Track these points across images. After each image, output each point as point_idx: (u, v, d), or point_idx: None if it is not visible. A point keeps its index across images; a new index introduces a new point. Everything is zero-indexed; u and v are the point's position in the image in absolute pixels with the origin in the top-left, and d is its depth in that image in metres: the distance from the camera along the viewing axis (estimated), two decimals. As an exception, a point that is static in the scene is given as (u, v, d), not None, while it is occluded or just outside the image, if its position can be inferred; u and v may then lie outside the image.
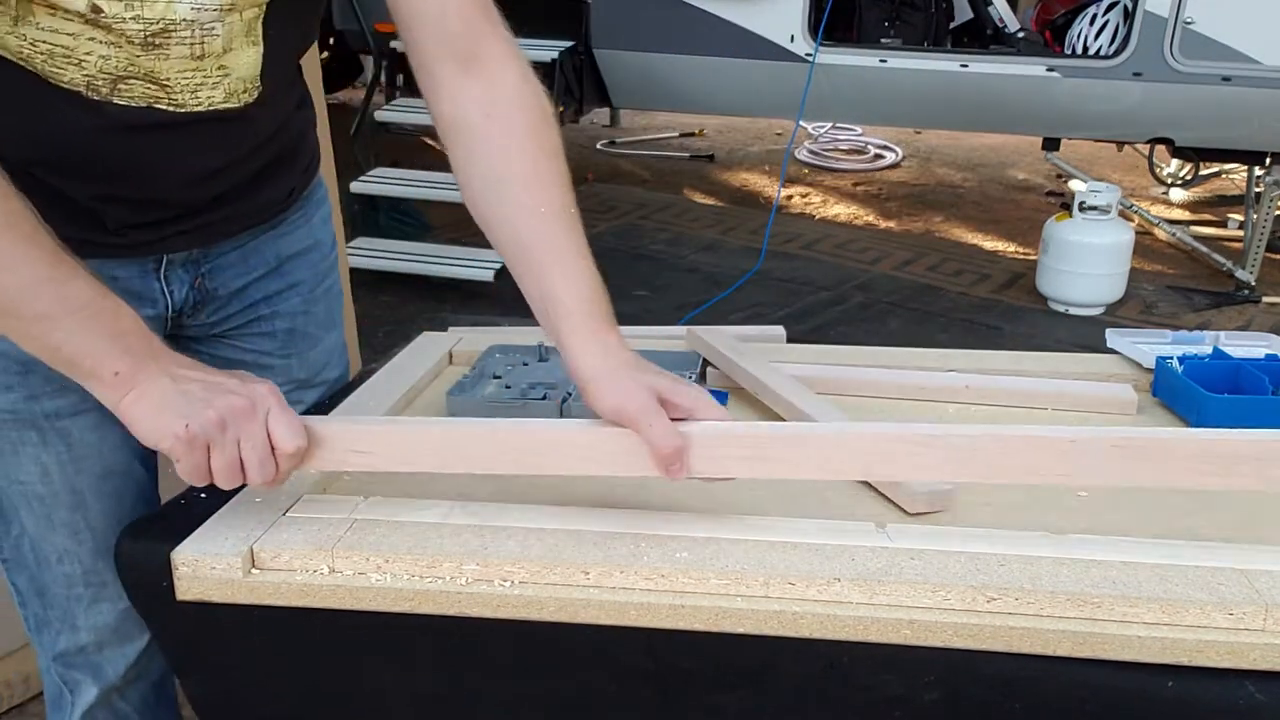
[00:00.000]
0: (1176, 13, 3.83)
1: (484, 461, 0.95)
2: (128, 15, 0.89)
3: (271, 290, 1.20)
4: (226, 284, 1.16)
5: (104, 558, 1.13)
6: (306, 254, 1.23)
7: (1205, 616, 0.84)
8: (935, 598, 0.86)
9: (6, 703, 1.92)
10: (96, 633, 1.18)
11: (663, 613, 0.88)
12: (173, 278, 1.10)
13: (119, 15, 0.88)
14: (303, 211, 1.21)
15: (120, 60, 0.92)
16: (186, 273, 1.11)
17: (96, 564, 1.14)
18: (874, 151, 6.42)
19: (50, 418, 1.07)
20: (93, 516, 1.13)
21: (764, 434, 0.93)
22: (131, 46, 0.91)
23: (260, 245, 1.17)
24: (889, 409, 1.25)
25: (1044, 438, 0.90)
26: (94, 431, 1.09)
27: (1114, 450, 0.89)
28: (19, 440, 1.08)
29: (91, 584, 1.15)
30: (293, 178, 1.17)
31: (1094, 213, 4.01)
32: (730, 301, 4.13)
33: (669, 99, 4.73)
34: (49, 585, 1.16)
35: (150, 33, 0.91)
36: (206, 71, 0.96)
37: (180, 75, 0.95)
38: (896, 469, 0.93)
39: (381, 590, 0.91)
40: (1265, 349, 1.34)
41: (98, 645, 1.19)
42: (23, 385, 1.05)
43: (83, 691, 1.22)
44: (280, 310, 1.22)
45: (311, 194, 1.23)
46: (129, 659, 1.21)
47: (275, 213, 1.17)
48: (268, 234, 1.17)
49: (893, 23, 4.49)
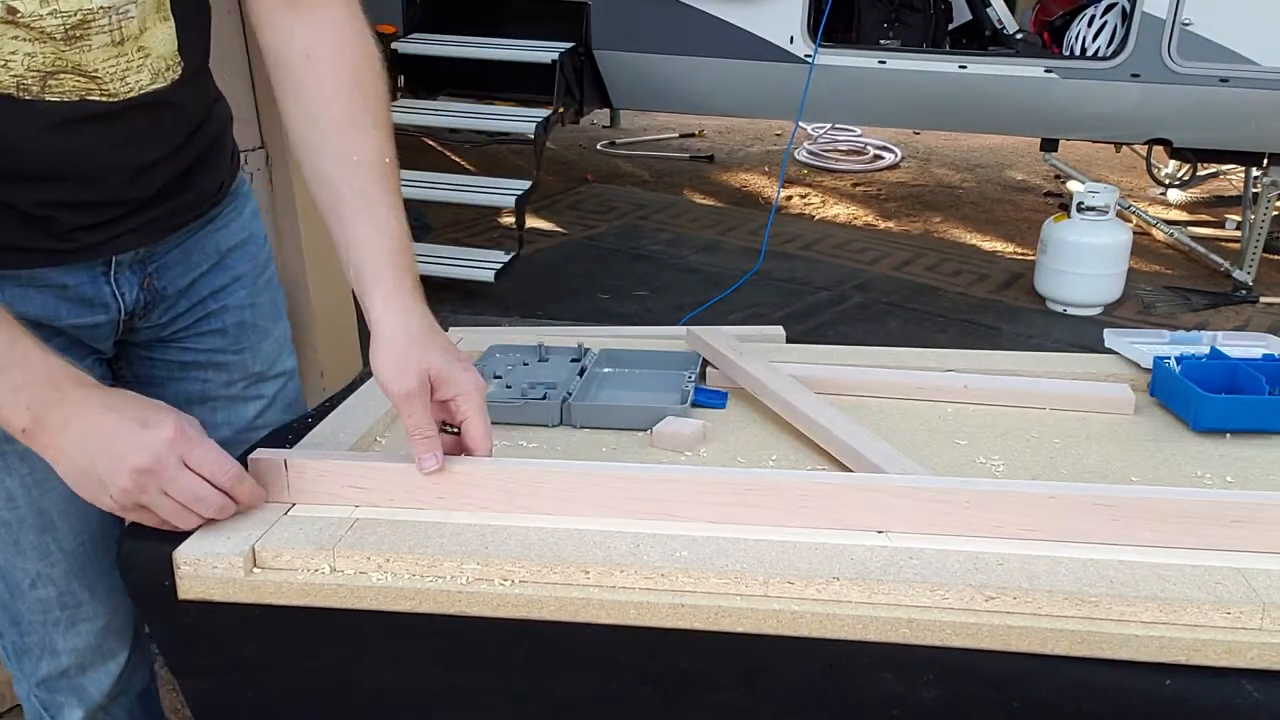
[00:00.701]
0: (1174, 14, 3.83)
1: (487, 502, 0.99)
2: (44, 11, 0.90)
3: (217, 285, 1.21)
4: (174, 282, 1.16)
5: (79, 577, 1.13)
6: (244, 246, 1.24)
7: (1202, 615, 0.84)
8: (934, 597, 0.87)
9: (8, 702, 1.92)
10: (77, 655, 1.17)
11: (663, 612, 0.88)
12: (122, 280, 1.11)
13: (35, 13, 0.90)
14: (233, 205, 1.23)
15: (46, 56, 0.92)
16: (134, 274, 1.12)
17: (71, 585, 1.13)
18: (873, 152, 6.42)
19: (10, 441, 1.00)
20: (62, 537, 1.11)
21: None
22: (54, 42, 0.92)
23: (200, 241, 1.18)
24: (888, 409, 1.26)
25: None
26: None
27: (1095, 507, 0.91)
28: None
29: (67, 606, 1.14)
30: (221, 170, 1.19)
31: (1092, 213, 4.02)
32: (730, 301, 4.14)
33: (669, 100, 4.73)
34: (23, 613, 1.14)
35: (69, 26, 0.92)
36: (129, 56, 0.97)
37: (105, 64, 0.96)
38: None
39: (382, 589, 0.91)
40: (1262, 349, 1.34)
41: (79, 667, 1.18)
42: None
43: (67, 715, 1.20)
44: (228, 304, 1.23)
45: (238, 189, 1.25)
46: (112, 676, 1.20)
47: (210, 205, 1.18)
48: (205, 229, 1.18)
49: (892, 24, 4.49)
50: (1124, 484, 1.07)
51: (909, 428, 1.21)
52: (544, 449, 1.16)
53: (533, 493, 0.98)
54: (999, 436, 1.19)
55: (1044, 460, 1.13)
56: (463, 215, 4.77)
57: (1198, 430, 1.19)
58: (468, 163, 5.58)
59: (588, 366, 1.33)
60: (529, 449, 1.16)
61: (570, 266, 4.56)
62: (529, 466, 1.00)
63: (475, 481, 0.98)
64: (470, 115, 4.27)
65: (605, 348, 1.38)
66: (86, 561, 1.14)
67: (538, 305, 4.08)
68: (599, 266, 4.56)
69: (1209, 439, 1.18)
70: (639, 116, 6.84)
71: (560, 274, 4.46)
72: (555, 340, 1.40)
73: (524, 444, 1.17)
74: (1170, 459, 1.14)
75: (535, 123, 4.17)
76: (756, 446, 1.17)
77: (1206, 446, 1.16)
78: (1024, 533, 0.93)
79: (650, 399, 1.26)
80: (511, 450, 1.16)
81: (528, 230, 4.40)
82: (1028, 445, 1.17)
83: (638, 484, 0.97)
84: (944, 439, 1.18)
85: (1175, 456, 1.14)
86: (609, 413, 1.22)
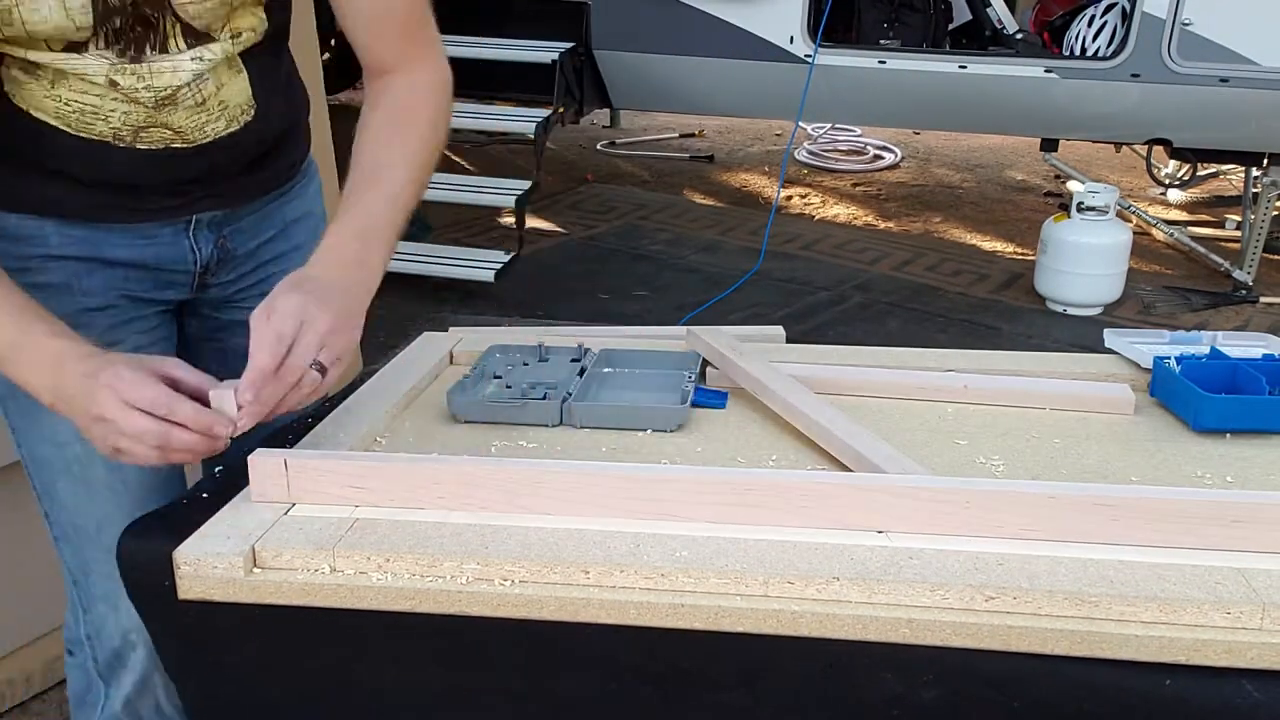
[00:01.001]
0: (1174, 14, 3.83)
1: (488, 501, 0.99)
2: (140, 85, 1.08)
3: (279, 251, 1.32)
4: (243, 244, 1.28)
5: None
6: (305, 219, 1.35)
7: (1202, 615, 0.84)
8: (933, 597, 0.87)
9: (8, 701, 1.92)
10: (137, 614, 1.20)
11: (663, 612, 0.88)
12: (200, 237, 1.23)
13: (132, 86, 1.07)
14: (302, 182, 1.35)
15: (140, 115, 1.09)
16: (212, 233, 1.24)
17: None
18: (873, 152, 6.42)
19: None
20: (129, 475, 1.19)
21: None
22: (147, 108, 1.09)
23: (270, 211, 1.30)
24: (888, 409, 1.26)
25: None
26: None
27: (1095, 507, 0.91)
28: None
29: None
30: (295, 151, 1.32)
31: (1092, 213, 4.01)
32: (730, 301, 4.14)
33: (669, 100, 4.73)
34: (90, 562, 1.21)
35: (160, 98, 1.09)
36: (210, 110, 1.13)
37: (189, 120, 1.12)
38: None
39: (382, 589, 0.91)
40: (1262, 349, 1.35)
41: (140, 628, 1.20)
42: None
43: (120, 683, 1.24)
44: (286, 269, 1.27)
45: (308, 167, 1.37)
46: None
47: (285, 180, 1.30)
48: (276, 201, 1.30)
49: (892, 24, 4.49)
50: (1124, 484, 1.07)
51: (909, 428, 1.21)
52: (544, 449, 1.16)
53: (533, 493, 0.98)
54: (999, 436, 1.19)
55: (1044, 460, 1.13)
56: (463, 215, 4.77)
57: (1198, 430, 1.19)
58: (468, 163, 5.58)
59: (588, 366, 1.33)
60: (529, 449, 1.16)
61: (570, 266, 4.56)
62: (529, 466, 1.00)
63: (475, 481, 0.98)
64: (470, 115, 4.27)
65: (605, 348, 1.38)
66: (150, 506, 1.16)
67: (538, 305, 4.08)
68: (599, 266, 4.56)
69: (1209, 439, 1.18)
70: (639, 116, 6.84)
71: (560, 274, 4.46)
72: (555, 340, 1.40)
73: (524, 444, 1.17)
74: (1170, 459, 1.14)
75: (535, 123, 4.17)
76: (756, 446, 1.17)
77: (1206, 446, 1.16)
78: (1024, 533, 0.93)
79: (650, 399, 1.26)
80: (511, 450, 1.16)
81: (528, 230, 4.40)
82: (1028, 445, 1.17)
83: (638, 484, 0.97)
84: (944, 439, 1.18)
85: (1175, 456, 1.14)
86: (609, 413, 1.22)
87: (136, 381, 0.95)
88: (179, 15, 1.06)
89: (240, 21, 1.12)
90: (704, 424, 1.22)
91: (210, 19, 1.09)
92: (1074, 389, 1.27)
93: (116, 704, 1.26)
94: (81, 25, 1.02)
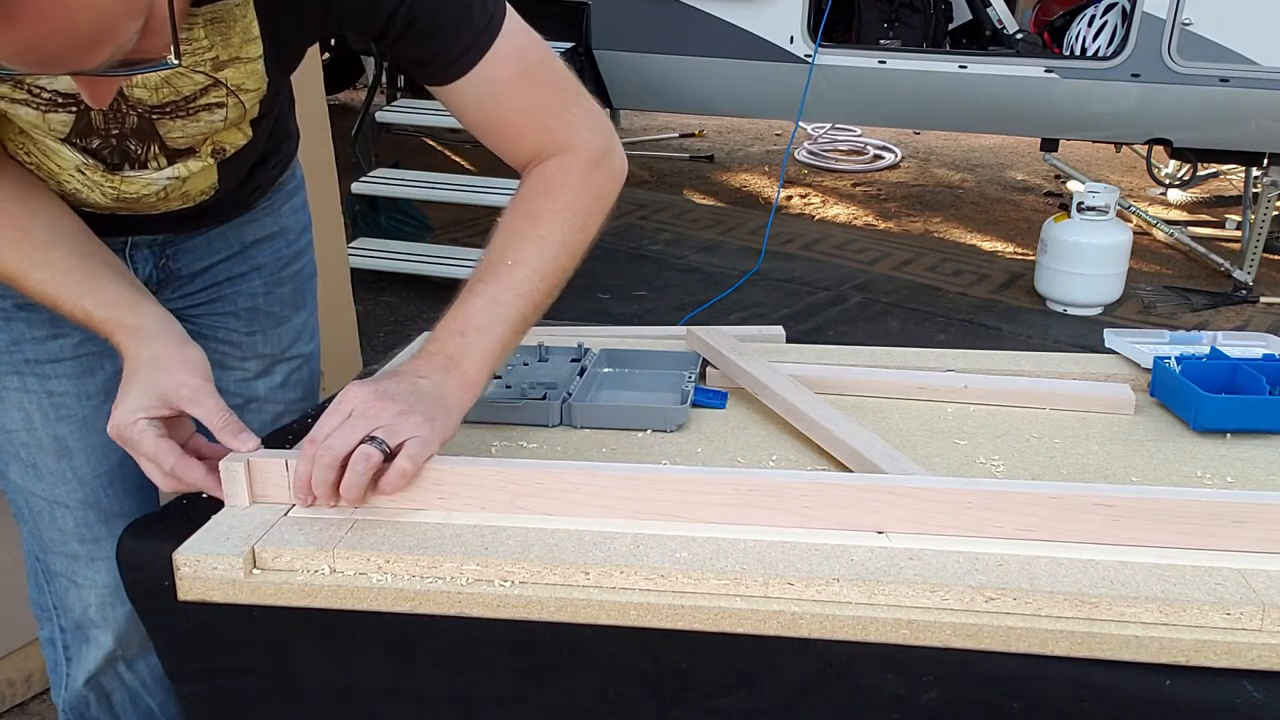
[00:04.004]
0: (1174, 14, 3.83)
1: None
2: (106, 185, 1.04)
3: (235, 272, 1.25)
4: (189, 265, 1.22)
5: (94, 510, 1.17)
6: (271, 240, 1.28)
7: (1203, 616, 0.84)
8: (933, 598, 0.87)
9: (8, 701, 1.92)
10: (98, 592, 1.20)
11: (663, 613, 0.88)
12: (138, 257, 1.17)
13: (99, 182, 1.04)
14: (270, 202, 1.27)
15: (98, 195, 1.05)
16: (151, 253, 1.18)
17: (88, 517, 1.17)
18: (873, 152, 6.43)
19: (30, 363, 1.13)
20: (79, 466, 1.17)
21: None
22: (108, 197, 1.06)
23: (225, 231, 1.23)
24: (888, 409, 1.26)
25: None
26: (71, 381, 1.14)
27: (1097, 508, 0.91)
28: (3, 387, 1.13)
29: (85, 540, 1.18)
30: (261, 184, 1.23)
31: (1092, 213, 4.01)
32: (730, 301, 4.14)
33: (669, 100, 4.73)
34: (47, 540, 1.20)
35: (128, 201, 1.06)
36: (171, 200, 1.10)
37: (147, 203, 1.09)
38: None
39: (382, 590, 0.91)
40: (1263, 349, 1.35)
41: (100, 606, 1.21)
42: (5, 332, 1.12)
43: (83, 656, 1.24)
44: (241, 290, 1.27)
45: (281, 186, 1.28)
46: (131, 621, 1.22)
47: (244, 209, 1.23)
48: (234, 222, 1.23)
49: (892, 24, 4.49)
50: (1124, 484, 1.07)
51: (909, 428, 1.21)
52: (544, 449, 1.16)
53: (533, 493, 0.98)
54: (999, 436, 1.19)
55: (1044, 460, 1.13)
56: (463, 215, 4.77)
57: (1198, 430, 1.19)
58: (468, 163, 5.58)
59: (588, 366, 1.32)
60: (529, 449, 1.16)
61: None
62: (529, 467, 1.00)
63: (475, 482, 0.98)
64: (470, 115, 4.27)
65: (605, 348, 1.38)
66: (102, 495, 1.18)
67: (538, 305, 4.08)
68: (599, 266, 4.56)
69: (1209, 439, 1.18)
70: (639, 116, 6.85)
71: (560, 274, 4.46)
72: (555, 340, 1.40)
73: (524, 444, 1.17)
74: (1170, 459, 1.14)
75: (535, 123, 4.17)
76: (756, 446, 1.17)
77: (1206, 446, 1.16)
78: (1024, 533, 0.92)
79: (650, 399, 1.26)
80: (511, 450, 1.16)
81: (528, 230, 4.39)
82: (1028, 445, 1.17)
83: (638, 484, 0.97)
84: (944, 439, 1.18)
85: (1175, 456, 1.14)
86: (609, 413, 1.22)
87: (141, 432, 0.95)
88: (165, 143, 1.03)
89: (225, 138, 1.07)
90: (704, 424, 1.22)
91: (195, 141, 1.04)
92: (1074, 389, 1.27)
93: (79, 680, 1.26)
94: (57, 130, 0.97)
